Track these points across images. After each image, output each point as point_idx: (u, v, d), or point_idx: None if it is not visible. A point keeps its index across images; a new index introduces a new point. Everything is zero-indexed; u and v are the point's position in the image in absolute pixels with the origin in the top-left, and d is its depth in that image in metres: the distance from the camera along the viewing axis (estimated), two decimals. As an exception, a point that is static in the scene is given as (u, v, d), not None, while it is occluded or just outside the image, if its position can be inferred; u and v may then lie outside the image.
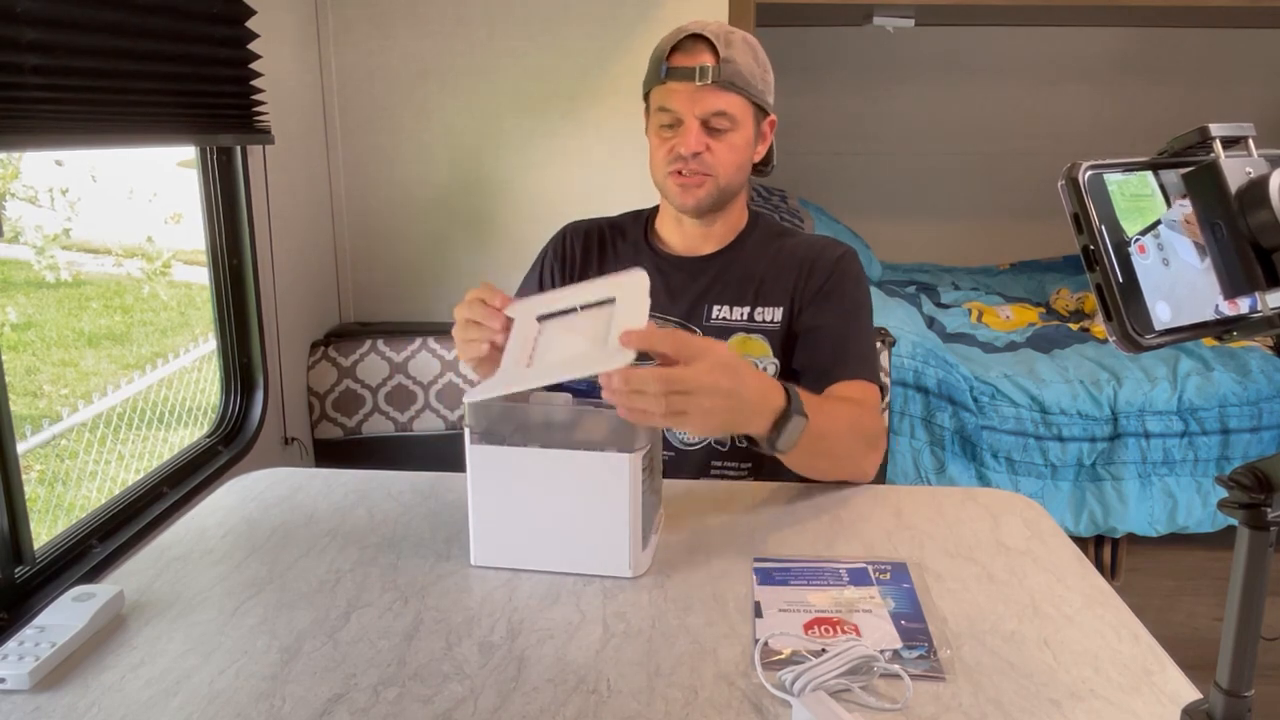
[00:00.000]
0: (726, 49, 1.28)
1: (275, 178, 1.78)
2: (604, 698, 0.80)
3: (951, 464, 2.28)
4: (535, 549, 1.01)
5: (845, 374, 1.29)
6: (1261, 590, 0.57)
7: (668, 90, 1.30)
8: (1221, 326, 0.54)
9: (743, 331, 1.37)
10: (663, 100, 1.31)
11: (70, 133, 1.24)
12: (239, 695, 0.81)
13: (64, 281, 4.48)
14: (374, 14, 2.04)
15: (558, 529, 1.00)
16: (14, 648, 0.85)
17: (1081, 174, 0.52)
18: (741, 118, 1.31)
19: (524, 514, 1.01)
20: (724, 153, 1.31)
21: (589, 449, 0.97)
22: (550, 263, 1.47)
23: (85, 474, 3.08)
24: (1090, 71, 3.61)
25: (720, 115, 1.29)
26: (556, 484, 0.98)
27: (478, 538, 1.02)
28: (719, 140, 1.30)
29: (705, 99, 1.28)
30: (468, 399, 0.98)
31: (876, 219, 3.65)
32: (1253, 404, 2.22)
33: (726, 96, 1.29)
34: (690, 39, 1.29)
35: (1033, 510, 1.17)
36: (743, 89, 1.29)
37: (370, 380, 1.98)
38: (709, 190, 1.33)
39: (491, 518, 1.01)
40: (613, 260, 1.45)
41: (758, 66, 1.32)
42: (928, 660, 0.84)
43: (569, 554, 1.00)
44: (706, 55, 1.28)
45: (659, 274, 1.41)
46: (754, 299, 1.37)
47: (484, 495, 1.01)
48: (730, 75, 1.28)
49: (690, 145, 1.29)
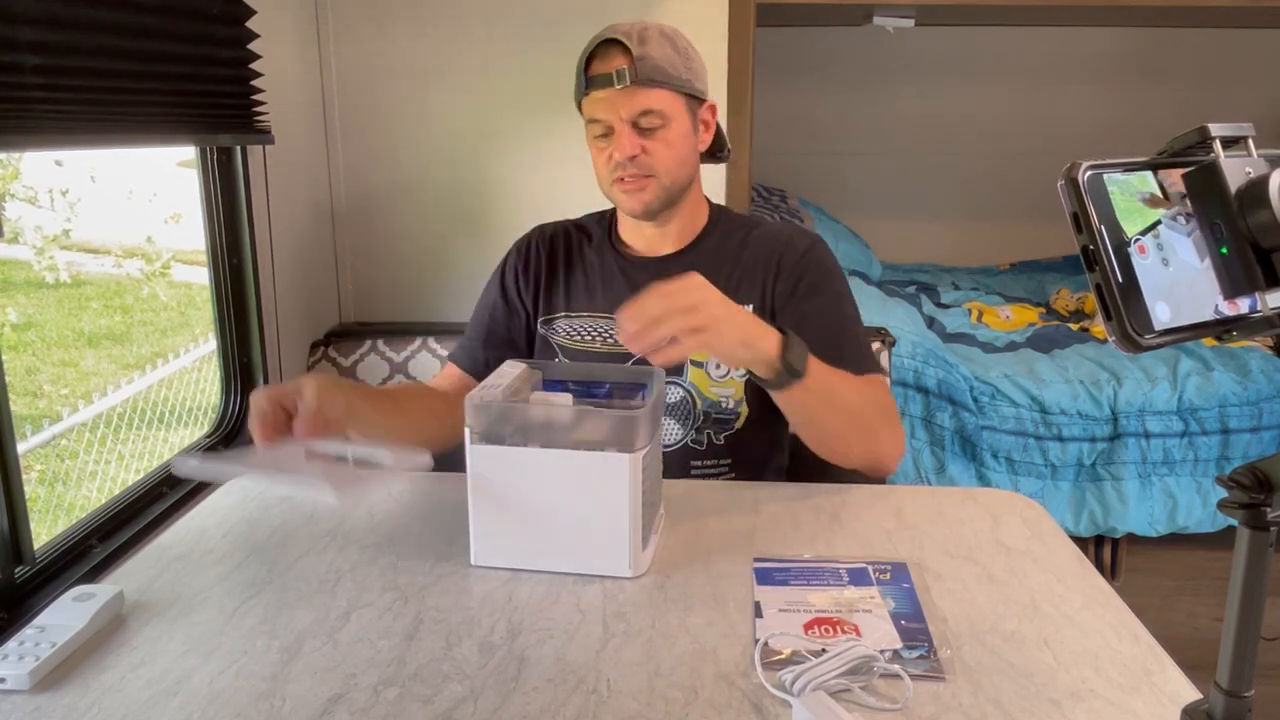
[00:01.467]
0: (640, 46, 1.26)
1: (275, 178, 1.78)
2: (604, 698, 0.80)
3: (951, 464, 2.28)
4: (535, 549, 1.01)
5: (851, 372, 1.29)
6: (1261, 590, 0.57)
7: (591, 100, 1.29)
8: (1221, 326, 0.54)
9: None
10: (590, 111, 1.30)
11: (70, 133, 1.24)
12: (239, 695, 0.81)
13: (63, 282, 4.48)
14: (374, 14, 2.04)
15: (558, 529, 1.00)
16: (14, 648, 0.85)
17: (1081, 174, 0.52)
18: (671, 111, 1.29)
19: (524, 514, 1.00)
20: (660, 150, 1.29)
21: (589, 449, 0.97)
22: (516, 269, 1.46)
23: (85, 474, 3.08)
24: (1090, 71, 3.61)
25: (647, 114, 1.27)
26: (557, 484, 0.98)
27: (478, 537, 1.02)
28: (652, 139, 1.29)
29: (628, 101, 1.26)
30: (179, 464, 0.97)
31: (876, 219, 3.65)
32: (1253, 404, 2.22)
33: (649, 93, 1.26)
34: (604, 45, 1.28)
35: (1033, 510, 1.17)
36: (664, 82, 1.27)
37: (370, 380, 1.97)
38: (654, 191, 1.31)
39: (491, 518, 1.01)
40: (578, 263, 1.44)
41: (678, 56, 1.29)
42: (928, 660, 0.84)
43: (569, 554, 1.00)
44: (620, 58, 1.26)
45: (623, 276, 1.40)
46: (724, 294, 1.36)
47: (484, 495, 1.01)
48: (648, 72, 1.25)
49: (624, 150, 1.27)
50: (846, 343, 1.30)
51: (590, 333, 1.40)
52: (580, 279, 1.43)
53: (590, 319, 1.41)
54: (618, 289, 1.39)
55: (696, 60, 1.33)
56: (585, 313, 1.41)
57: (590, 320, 1.41)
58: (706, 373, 1.35)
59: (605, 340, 1.39)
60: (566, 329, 1.42)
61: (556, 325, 1.43)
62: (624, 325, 0.99)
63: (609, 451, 0.97)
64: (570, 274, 1.44)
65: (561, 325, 1.42)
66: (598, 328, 1.40)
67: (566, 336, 1.42)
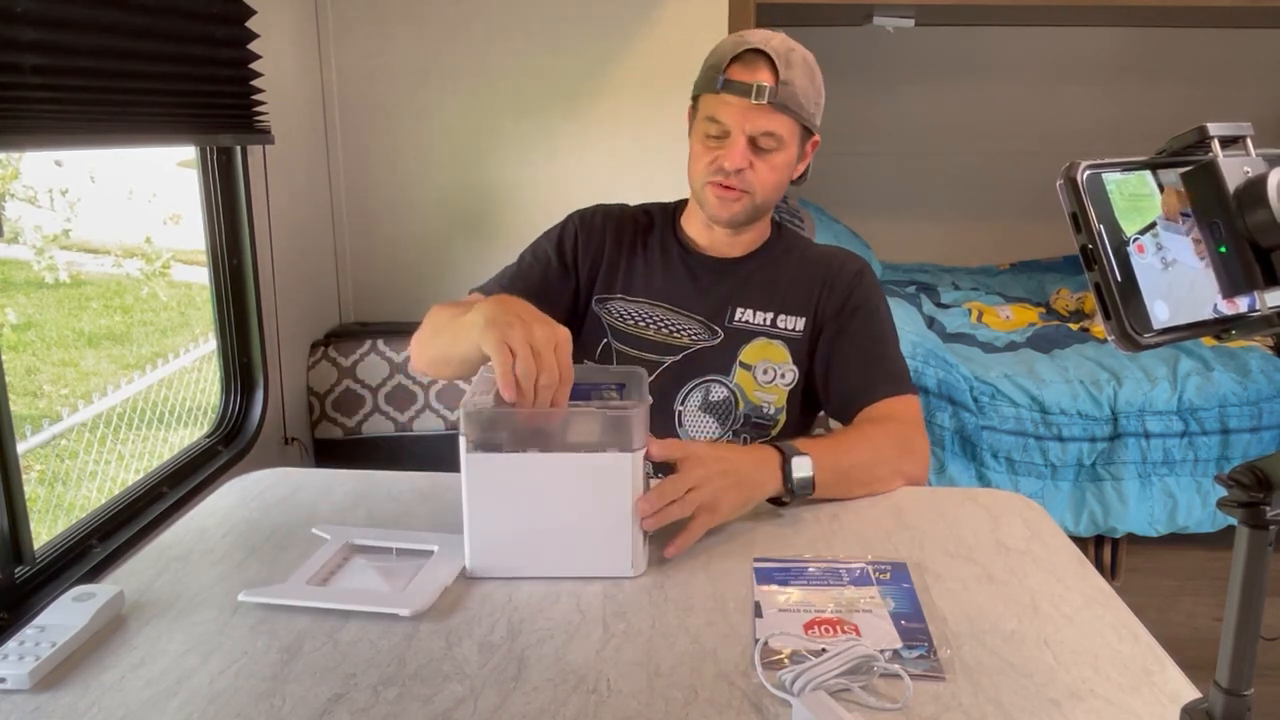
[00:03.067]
0: (787, 69, 1.25)
1: (275, 178, 1.78)
2: (604, 698, 0.80)
3: (951, 464, 2.28)
4: (534, 556, 1.00)
5: (879, 393, 1.31)
6: (1261, 590, 0.57)
7: (720, 101, 1.28)
8: (1220, 325, 0.54)
9: (764, 336, 1.38)
10: (713, 110, 1.29)
11: (70, 133, 1.24)
12: (239, 695, 0.81)
13: (62, 283, 4.48)
14: (374, 14, 2.04)
15: (557, 534, 0.99)
16: (14, 648, 0.85)
17: (1080, 174, 0.52)
18: (789, 139, 1.30)
19: (523, 522, 0.99)
20: (766, 172, 1.30)
21: (588, 450, 0.97)
22: (580, 238, 1.43)
23: (85, 474, 3.08)
24: (1090, 71, 3.61)
25: (769, 135, 1.28)
26: (557, 488, 0.97)
27: (475, 550, 1.00)
28: (763, 159, 1.29)
29: (758, 118, 1.26)
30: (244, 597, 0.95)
31: (876, 219, 3.65)
32: (1253, 404, 2.22)
33: (779, 118, 1.27)
34: (751, 53, 1.26)
35: (1033, 510, 1.17)
36: (795, 111, 1.28)
37: (370, 380, 1.98)
38: (745, 206, 1.32)
39: (488, 528, 0.99)
40: (640, 247, 1.43)
41: (813, 89, 1.30)
42: (928, 660, 0.84)
43: (568, 558, 1.00)
44: (766, 73, 1.26)
45: (685, 269, 1.41)
46: (778, 305, 1.38)
47: (480, 505, 0.98)
48: (786, 97, 1.26)
49: (735, 161, 1.28)
50: (885, 362, 1.34)
51: (645, 319, 1.41)
52: (641, 264, 1.43)
53: (648, 305, 1.41)
54: (679, 280, 1.40)
55: (823, 97, 1.35)
56: (643, 298, 1.41)
57: (648, 306, 1.41)
58: (754, 376, 1.37)
59: (660, 329, 1.40)
60: (622, 311, 1.42)
61: (612, 305, 1.42)
62: (645, 509, 0.98)
63: (610, 452, 0.96)
64: (632, 257, 1.43)
65: (618, 306, 1.42)
66: (654, 315, 1.40)
67: (620, 319, 1.41)
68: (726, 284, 1.40)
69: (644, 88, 2.04)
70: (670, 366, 1.38)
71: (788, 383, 1.37)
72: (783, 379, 1.37)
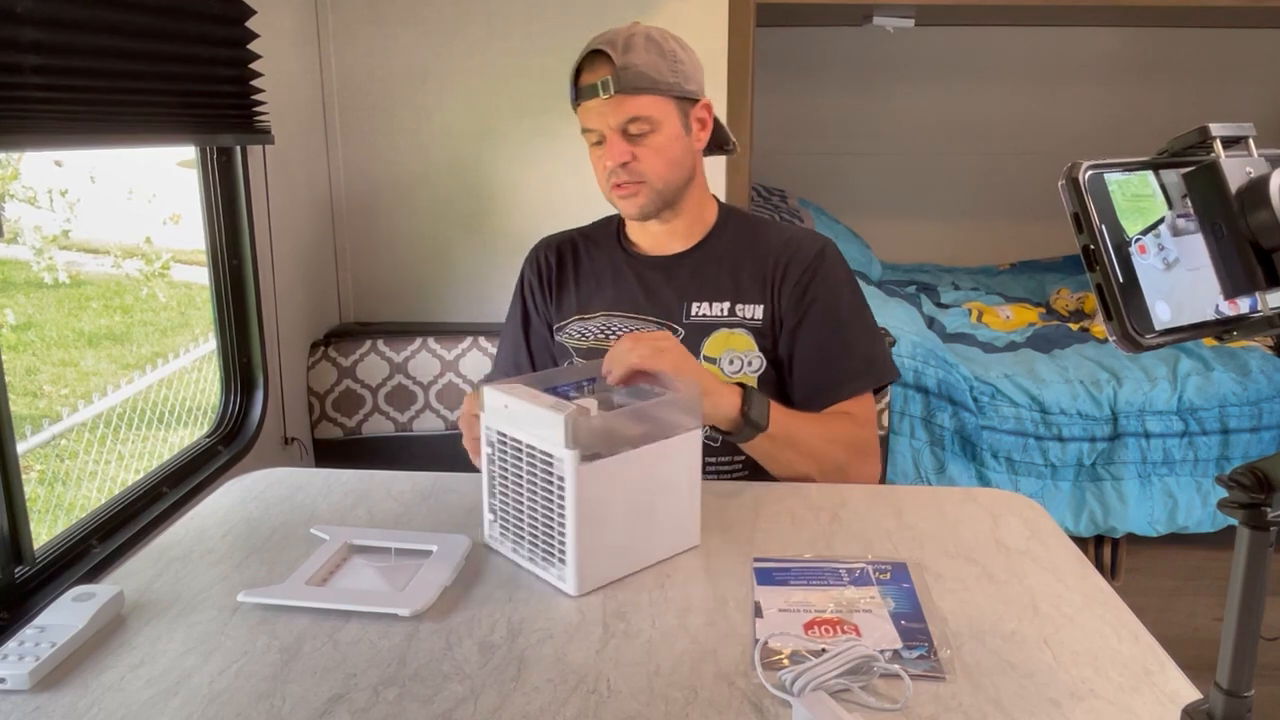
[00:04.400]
0: (623, 55, 1.27)
1: (275, 178, 1.78)
2: (604, 698, 0.80)
3: (951, 464, 2.28)
4: (627, 554, 1.00)
5: (838, 394, 1.32)
6: (1261, 590, 0.57)
7: (582, 110, 1.32)
8: (1221, 326, 0.54)
9: (724, 327, 1.37)
10: (582, 121, 1.33)
11: (70, 133, 1.24)
12: (239, 695, 0.81)
13: (61, 283, 4.48)
14: (374, 14, 2.04)
15: (641, 526, 1.00)
16: (14, 648, 0.85)
17: (1082, 174, 0.52)
18: (660, 116, 1.30)
19: (619, 522, 0.98)
20: (650, 156, 1.31)
21: (664, 438, 1.00)
22: (529, 281, 1.50)
23: (85, 474, 3.08)
24: (1090, 71, 3.61)
25: (635, 121, 1.29)
26: (644, 481, 0.99)
27: (582, 565, 0.95)
28: (642, 145, 1.30)
29: (614, 110, 1.28)
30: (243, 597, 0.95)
31: (876, 219, 3.65)
32: (1253, 404, 2.22)
33: (635, 101, 1.28)
34: (590, 56, 1.30)
35: (1033, 510, 1.16)
36: (649, 89, 1.28)
37: (370, 380, 1.98)
38: (646, 196, 1.33)
39: (594, 538, 0.95)
40: (587, 266, 1.46)
41: (664, 60, 1.30)
42: (928, 660, 0.84)
43: (649, 547, 1.02)
44: (604, 68, 1.28)
45: (633, 274, 1.42)
46: (734, 294, 1.37)
47: (588, 518, 0.94)
48: (632, 80, 1.27)
49: (614, 157, 1.30)
50: (845, 357, 1.34)
51: (603, 331, 1.41)
52: (591, 281, 1.45)
53: (604, 317, 1.42)
54: (628, 286, 1.42)
55: (687, 61, 1.33)
56: (599, 312, 1.42)
57: (604, 319, 1.42)
58: (720, 368, 1.36)
59: (620, 335, 1.40)
60: (580, 330, 1.43)
61: (570, 329, 1.44)
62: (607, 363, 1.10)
63: (688, 432, 1.01)
64: (580, 279, 1.46)
65: (575, 328, 1.44)
66: (611, 325, 1.41)
67: (580, 338, 1.43)
68: (677, 280, 1.40)
69: (644, 88, 2.04)
70: None
71: (755, 370, 1.36)
72: (750, 367, 1.36)
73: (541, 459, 0.95)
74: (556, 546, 0.96)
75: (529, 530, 1.00)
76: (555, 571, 0.97)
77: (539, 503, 0.97)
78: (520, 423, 0.98)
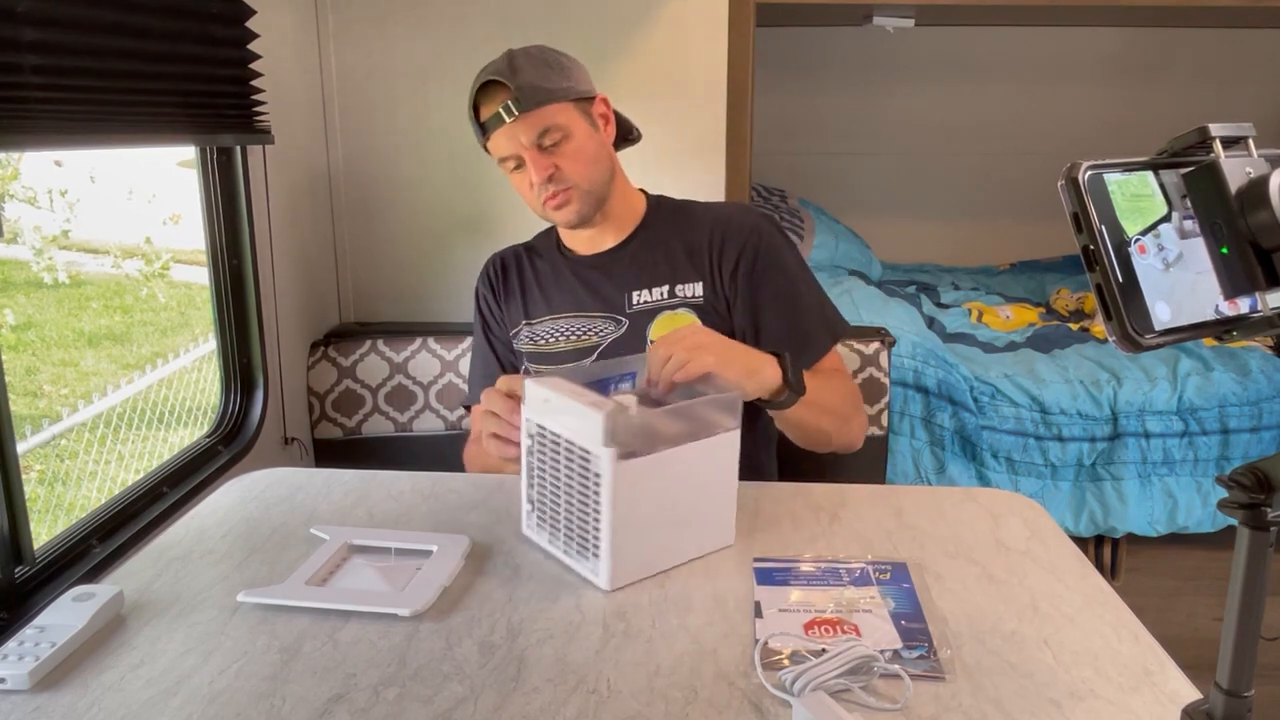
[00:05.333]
0: (514, 76, 1.30)
1: (275, 178, 1.78)
2: (604, 698, 0.80)
3: (951, 464, 2.28)
4: (660, 551, 1.00)
5: (814, 356, 1.35)
6: (1261, 590, 0.57)
7: (493, 140, 1.34)
8: (1221, 326, 0.54)
9: (667, 309, 1.39)
10: (496, 152, 1.35)
11: (70, 133, 1.24)
12: (239, 695, 0.81)
13: (61, 283, 4.47)
14: (374, 14, 2.04)
15: (677, 523, 1.01)
16: (14, 648, 0.85)
17: (1081, 174, 0.52)
18: (566, 122, 1.32)
19: (652, 521, 0.98)
20: (570, 162, 1.33)
21: (704, 437, 1.00)
22: (483, 296, 1.53)
23: (85, 474, 3.08)
24: (1090, 71, 3.61)
25: (546, 132, 1.31)
26: (680, 478, 0.99)
27: (616, 562, 0.96)
28: (560, 153, 1.33)
29: (522, 131, 1.31)
30: (243, 597, 0.95)
31: (876, 219, 3.65)
32: (1253, 404, 2.22)
33: (539, 114, 1.30)
34: (482, 90, 1.33)
35: (1033, 510, 1.16)
36: (547, 99, 1.31)
37: (370, 380, 1.98)
38: (580, 199, 1.35)
39: (629, 534, 0.97)
40: (530, 276, 1.50)
41: (551, 69, 1.33)
42: (928, 660, 0.84)
43: (683, 544, 1.02)
44: (500, 94, 1.31)
45: (574, 276, 1.45)
46: (671, 276, 1.40)
47: (623, 515, 0.95)
48: (531, 95, 1.29)
49: (540, 172, 1.32)
50: (806, 324, 1.37)
51: (552, 334, 1.45)
52: (535, 290, 1.49)
53: (550, 321, 1.45)
54: (570, 288, 1.45)
55: (572, 65, 1.37)
56: (545, 317, 1.46)
57: (551, 322, 1.45)
58: None
59: (568, 338, 1.43)
60: (531, 335, 1.47)
61: (521, 336, 1.48)
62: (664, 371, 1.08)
63: (727, 432, 1.01)
64: (525, 288, 1.49)
65: (525, 334, 1.47)
66: (558, 327, 1.44)
67: (530, 343, 1.46)
68: (615, 274, 1.42)
69: (643, 88, 2.03)
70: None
71: None
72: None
73: (579, 454, 0.96)
74: (591, 541, 0.97)
75: (565, 523, 1.00)
76: (589, 566, 0.98)
77: (575, 497, 0.98)
78: (560, 417, 0.98)
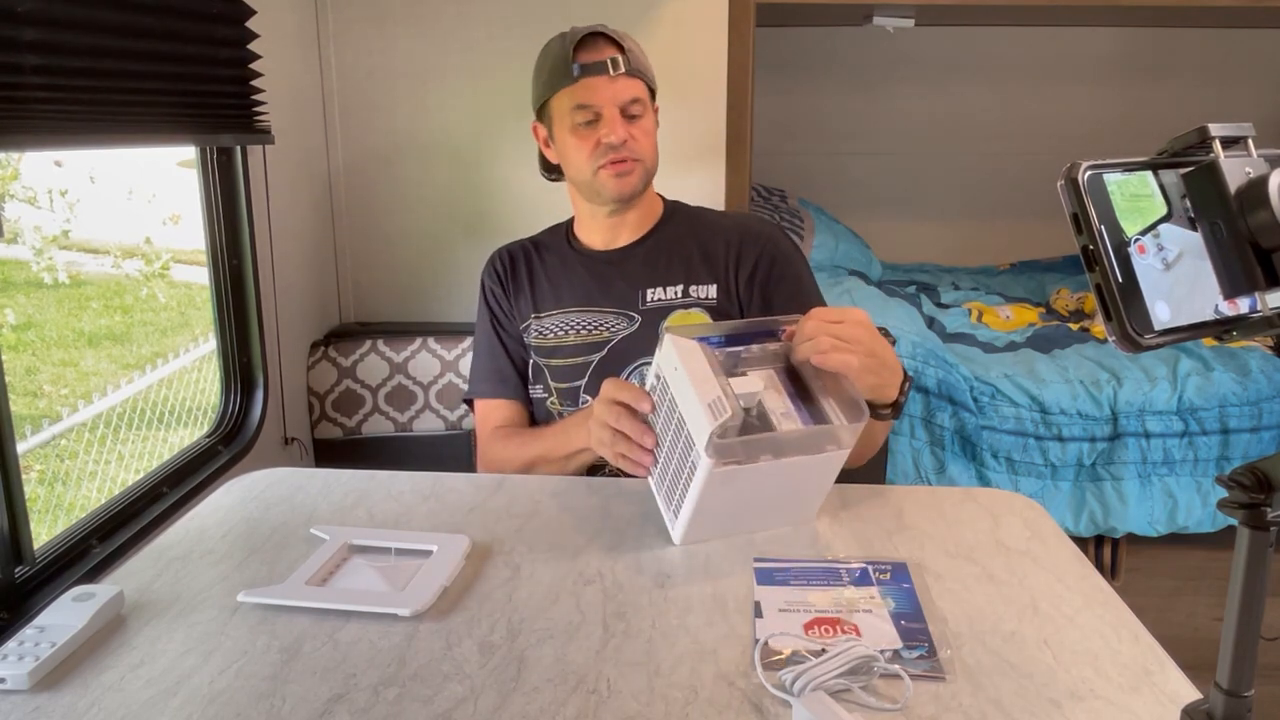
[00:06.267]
0: (623, 40, 1.35)
1: (275, 178, 1.78)
2: (604, 698, 0.80)
3: (951, 464, 2.28)
4: (735, 525, 1.07)
5: None
6: (1261, 590, 0.57)
7: (584, 87, 1.34)
8: (1221, 326, 0.54)
9: (680, 308, 1.40)
10: (579, 98, 1.35)
11: (70, 133, 1.24)
12: (239, 695, 0.81)
13: (61, 283, 4.47)
14: (374, 14, 2.04)
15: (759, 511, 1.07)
16: (14, 648, 0.85)
17: (1081, 174, 0.52)
18: (648, 103, 1.39)
19: (736, 510, 1.05)
20: (643, 138, 1.37)
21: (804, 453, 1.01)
22: (490, 289, 1.53)
23: (85, 474, 3.08)
24: (1090, 71, 3.61)
25: (635, 102, 1.35)
26: (774, 486, 1.04)
27: (690, 528, 1.03)
28: (637, 126, 1.37)
29: (621, 89, 1.34)
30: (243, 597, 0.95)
31: (876, 219, 3.65)
32: (1253, 404, 2.22)
33: (636, 83, 1.36)
34: (590, 37, 1.35)
35: (1033, 510, 1.16)
36: (643, 75, 1.38)
37: (370, 380, 1.98)
38: (640, 174, 1.38)
39: (709, 516, 1.03)
40: (539, 269, 1.50)
41: (644, 57, 1.40)
42: (928, 660, 0.84)
43: (763, 519, 1.08)
44: (611, 48, 1.34)
45: (585, 270, 1.46)
46: (686, 277, 1.41)
47: (707, 505, 1.01)
48: (636, 65, 1.36)
49: (619, 134, 1.34)
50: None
51: (562, 328, 1.44)
52: (544, 283, 1.48)
53: (561, 314, 1.45)
54: (582, 283, 1.45)
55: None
56: (555, 310, 1.46)
57: (561, 315, 1.45)
58: None
59: (578, 331, 1.43)
60: (540, 329, 1.46)
61: (531, 329, 1.47)
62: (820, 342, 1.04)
63: (835, 452, 1.03)
64: (534, 281, 1.49)
65: (535, 327, 1.47)
66: (569, 321, 1.44)
67: (539, 336, 1.46)
68: (629, 272, 1.43)
69: (644, 88, 2.04)
70: (598, 362, 1.41)
71: None
72: None
73: (687, 434, 0.98)
74: (677, 500, 1.03)
75: (661, 470, 1.06)
76: (669, 517, 1.05)
77: (675, 457, 1.02)
78: (682, 388, 0.99)
